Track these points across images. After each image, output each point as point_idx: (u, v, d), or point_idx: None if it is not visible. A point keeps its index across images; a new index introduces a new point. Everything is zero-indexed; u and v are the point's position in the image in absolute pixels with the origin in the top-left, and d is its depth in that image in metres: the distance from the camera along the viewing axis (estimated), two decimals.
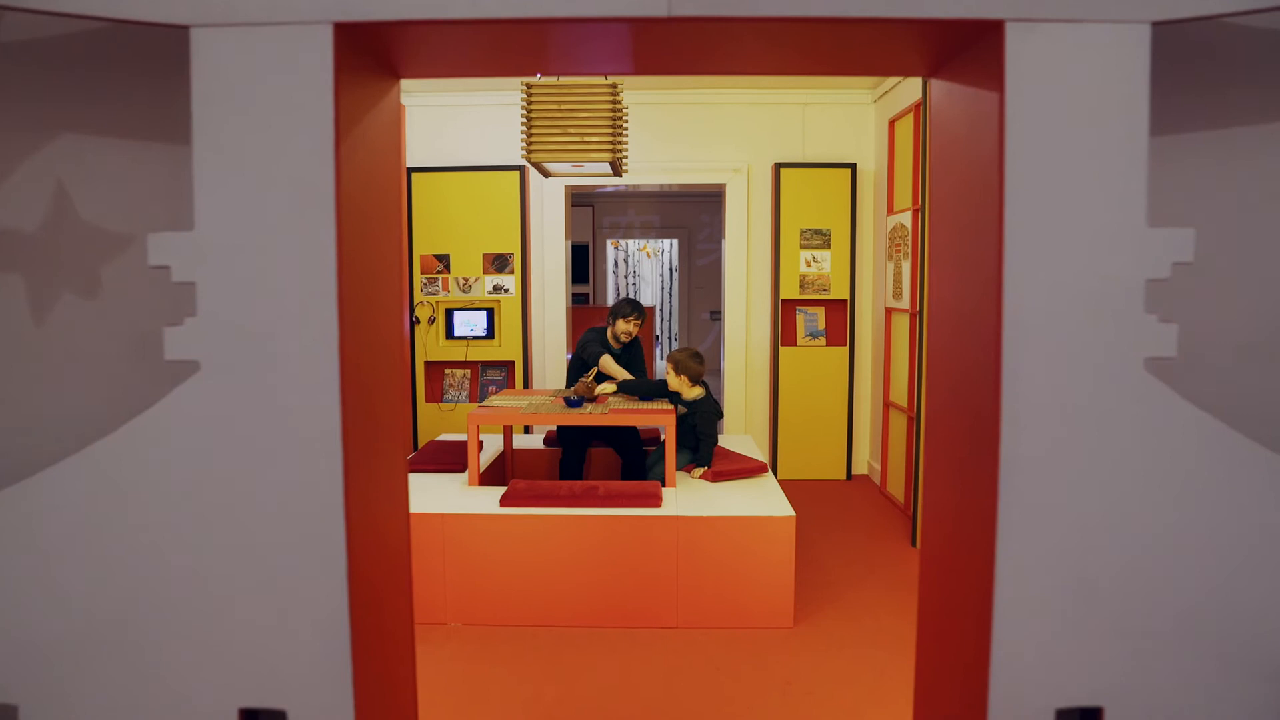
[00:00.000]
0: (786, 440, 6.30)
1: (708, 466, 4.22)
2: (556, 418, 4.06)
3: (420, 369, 6.33)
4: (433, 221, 6.24)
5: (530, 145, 4.11)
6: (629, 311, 4.81)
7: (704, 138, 6.38)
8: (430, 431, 6.33)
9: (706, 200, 12.54)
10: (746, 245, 6.41)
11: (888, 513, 5.46)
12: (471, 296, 6.27)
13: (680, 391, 4.41)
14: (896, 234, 5.54)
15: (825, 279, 6.20)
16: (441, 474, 4.29)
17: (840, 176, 6.16)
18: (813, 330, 6.33)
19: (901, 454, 5.53)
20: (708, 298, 12.97)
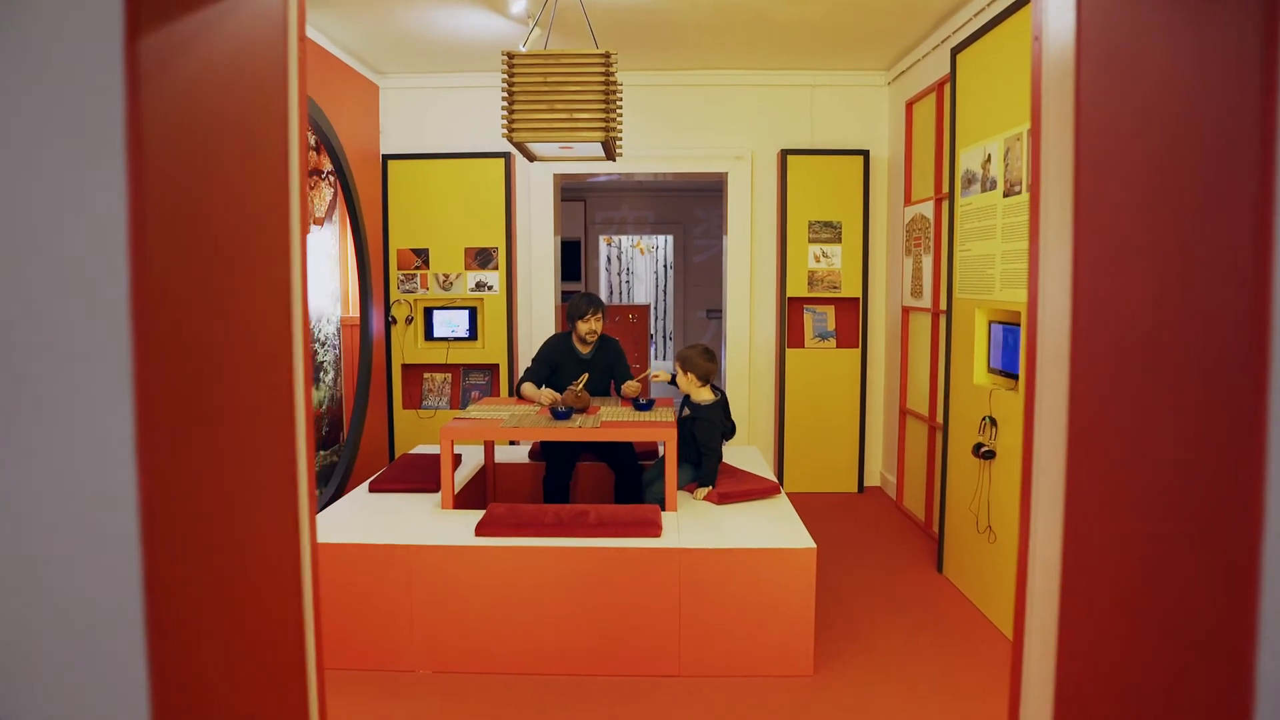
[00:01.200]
0: (793, 450, 5.82)
1: (712, 486, 3.75)
2: (541, 432, 3.58)
3: (397, 373, 5.83)
4: (410, 213, 5.74)
5: (512, 123, 3.62)
6: (586, 309, 4.32)
7: (704, 122, 5.90)
8: (407, 441, 5.83)
9: (703, 194, 12.07)
10: (750, 239, 5.93)
11: (907, 532, 4.99)
12: (452, 294, 5.78)
13: (689, 393, 3.94)
14: (916, 226, 5.07)
15: (835, 275, 5.73)
16: (412, 494, 3.80)
17: (852, 164, 5.69)
18: (822, 331, 5.86)
19: (921, 466, 5.06)
20: (704, 295, 12.50)
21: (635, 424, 3.69)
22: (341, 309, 5.29)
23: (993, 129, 3.65)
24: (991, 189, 3.64)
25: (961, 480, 3.96)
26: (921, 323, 5.07)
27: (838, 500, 5.67)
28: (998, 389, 3.63)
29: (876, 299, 5.91)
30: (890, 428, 5.76)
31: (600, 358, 4.44)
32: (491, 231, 5.73)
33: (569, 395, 3.89)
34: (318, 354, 4.85)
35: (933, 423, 4.82)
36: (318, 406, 4.85)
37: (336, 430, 5.11)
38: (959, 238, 3.98)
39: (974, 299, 3.83)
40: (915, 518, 5.13)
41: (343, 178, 4.79)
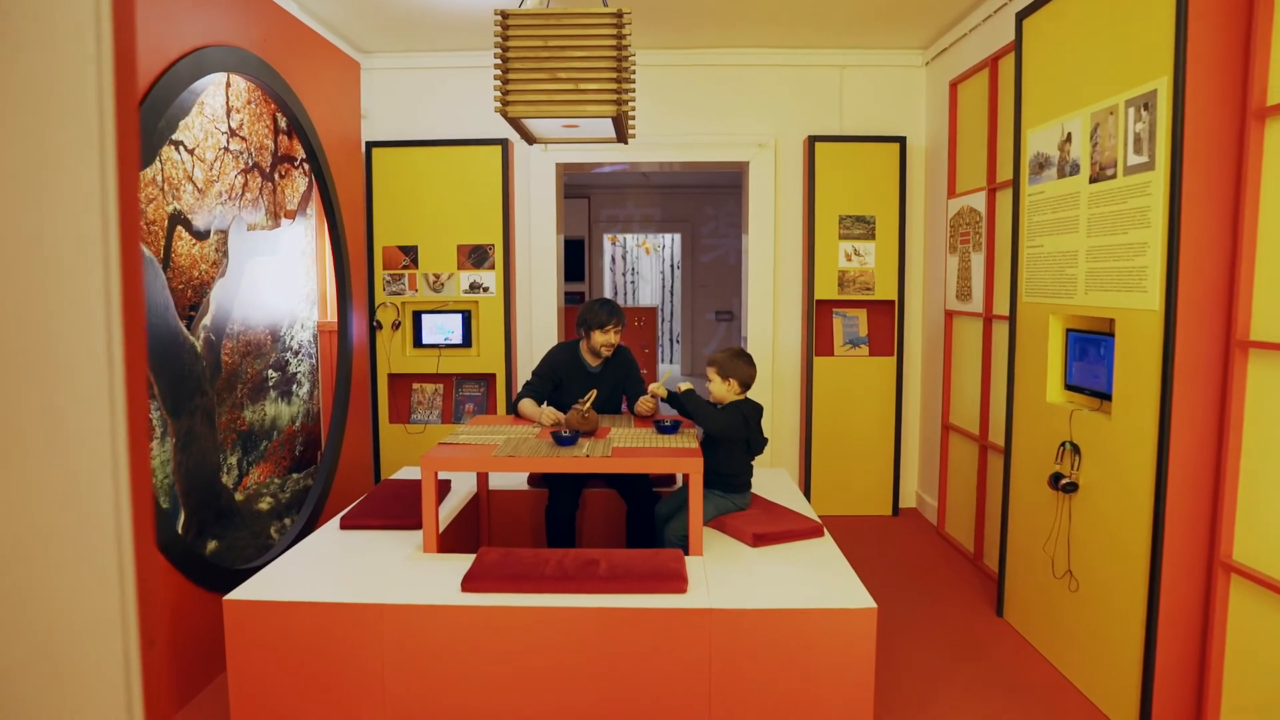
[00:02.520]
0: (822, 468, 5.26)
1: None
2: (541, 462, 3.02)
3: (383, 383, 5.28)
4: (397, 206, 5.19)
5: (507, 95, 3.07)
6: (606, 319, 3.75)
7: (722, 107, 5.34)
8: (394, 459, 5.28)
9: (712, 191, 11.52)
10: (774, 235, 5.37)
11: (953, 564, 4.43)
12: (444, 296, 5.22)
13: (722, 400, 3.40)
14: (963, 220, 4.51)
15: (869, 276, 5.17)
16: (391, 532, 3.25)
17: (886, 153, 5.13)
18: (853, 337, 5.30)
19: (968, 491, 4.50)
20: (713, 297, 11.96)
21: (654, 452, 3.13)
22: (319, 313, 4.74)
23: (1074, 103, 3.08)
24: (1072, 174, 3.08)
25: (1030, 513, 3.40)
26: (969, 329, 4.51)
27: (871, 525, 5.11)
28: (1079, 410, 3.07)
29: (914, 302, 5.35)
30: (929, 445, 5.20)
31: (610, 371, 3.88)
32: (487, 227, 5.18)
33: (574, 416, 3.34)
34: (290, 364, 4.30)
35: (984, 441, 4.26)
36: (290, 423, 4.30)
37: (314, 449, 4.56)
38: (1026, 232, 3.42)
39: (1047, 303, 3.27)
40: (961, 547, 4.57)
41: (316, 166, 4.24)
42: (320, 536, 3.23)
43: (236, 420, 3.74)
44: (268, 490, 4.02)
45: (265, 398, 4.03)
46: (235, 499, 3.67)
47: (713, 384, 3.39)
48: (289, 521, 4.15)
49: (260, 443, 3.98)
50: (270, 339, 4.07)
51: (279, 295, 4.13)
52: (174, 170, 3.23)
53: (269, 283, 4.02)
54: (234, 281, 3.69)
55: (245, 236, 3.79)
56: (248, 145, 3.84)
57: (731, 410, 3.30)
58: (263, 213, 4.00)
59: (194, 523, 3.32)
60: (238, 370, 3.76)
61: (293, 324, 4.35)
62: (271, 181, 4.08)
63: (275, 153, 4.10)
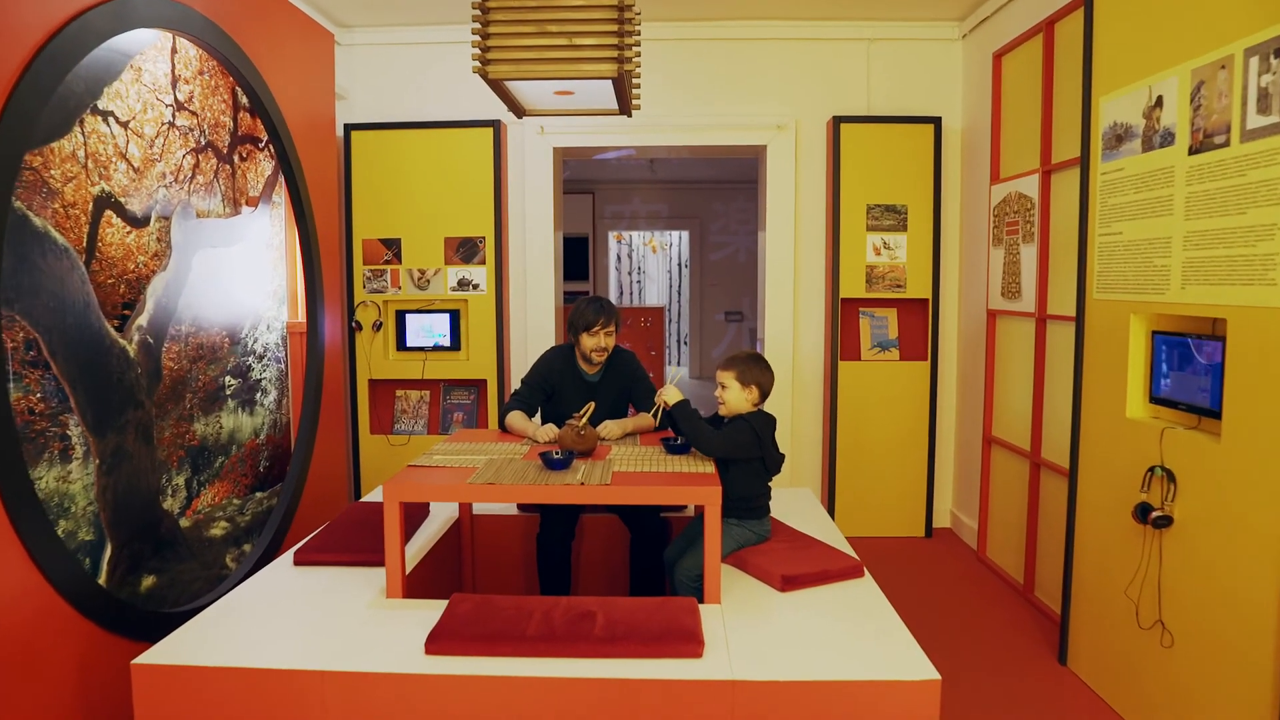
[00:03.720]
0: (846, 484, 4.76)
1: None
2: (527, 491, 2.51)
3: (363, 390, 4.79)
4: (379, 195, 4.70)
5: (488, 52, 2.58)
6: (593, 318, 3.27)
7: (737, 84, 4.84)
8: (376, 473, 4.79)
9: (721, 187, 11.03)
10: (794, 226, 4.87)
11: (999, 596, 3.92)
12: (430, 294, 4.74)
13: (739, 410, 2.90)
14: (1010, 207, 4.00)
15: (899, 271, 4.66)
16: (353, 569, 2.76)
17: (919, 135, 4.62)
18: (882, 340, 4.79)
19: (1017, 512, 3.99)
20: (723, 296, 11.47)
21: (663, 479, 2.63)
22: (290, 312, 4.26)
23: (1166, 59, 2.58)
24: (1164, 145, 2.58)
25: (1106, 549, 2.89)
26: (1018, 331, 4.00)
27: (902, 548, 4.60)
28: (1172, 429, 2.56)
29: (949, 300, 4.84)
30: (967, 459, 4.69)
31: (612, 380, 3.39)
32: (477, 218, 4.69)
33: (568, 434, 2.84)
34: (253, 369, 3.81)
35: (1036, 459, 3.76)
36: (253, 436, 3.82)
37: (283, 464, 4.08)
38: (1099, 218, 2.92)
39: (1126, 300, 2.76)
40: (1008, 576, 4.06)
41: (280, 148, 3.76)
42: (268, 576, 2.74)
43: (184, 435, 3.26)
44: (223, 513, 3.53)
45: (222, 408, 3.54)
46: (180, 526, 3.18)
47: (728, 391, 2.88)
48: (249, 548, 3.66)
49: (215, 459, 3.49)
50: (227, 341, 3.59)
51: (239, 292, 3.65)
52: (101, 145, 2.75)
53: (226, 278, 3.54)
54: (179, 276, 3.21)
55: (195, 225, 3.31)
56: (199, 121, 3.35)
57: (738, 427, 2.79)
58: (219, 198, 3.52)
59: (124, 557, 2.83)
60: (186, 377, 3.27)
61: (256, 324, 3.86)
62: (230, 164, 3.60)
63: (235, 132, 3.62)
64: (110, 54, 2.72)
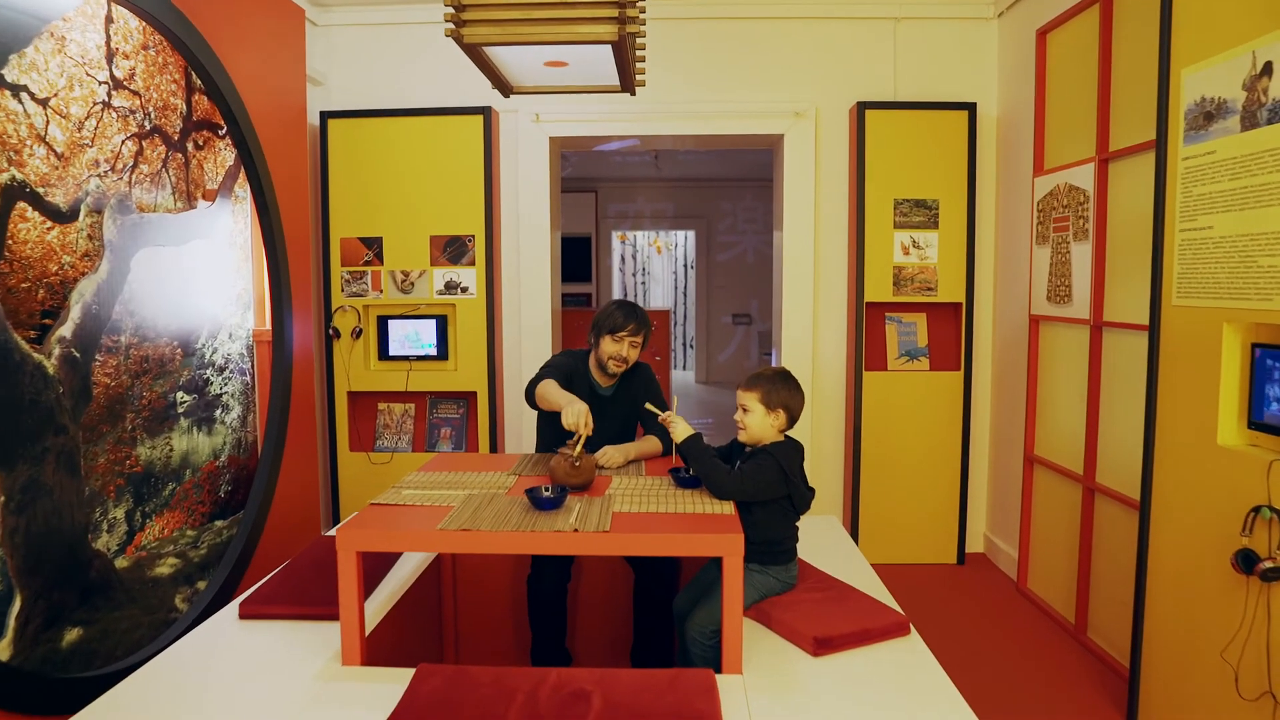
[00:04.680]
0: (871, 505, 4.33)
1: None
2: (510, 539, 2.09)
3: (341, 403, 4.38)
4: (358, 190, 4.29)
5: (463, 11, 2.17)
6: (621, 322, 2.85)
7: (750, 68, 4.42)
8: (355, 496, 4.38)
9: (729, 185, 10.61)
10: (814, 222, 4.45)
11: (1047, 637, 3.49)
12: (414, 298, 4.33)
13: (761, 438, 2.47)
14: (1059, 201, 3.58)
15: (930, 273, 4.24)
16: (308, 624, 2.35)
17: (951, 123, 4.20)
18: (910, 348, 4.37)
19: (1065, 542, 3.56)
20: (730, 298, 11.04)
21: (672, 522, 2.21)
22: (258, 319, 3.85)
23: (1275, 19, 2.16)
24: (1274, 121, 2.15)
25: (1194, 599, 2.47)
26: (1067, 339, 3.58)
27: (933, 577, 4.18)
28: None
29: (984, 304, 4.41)
30: (1004, 479, 4.26)
31: (625, 395, 2.98)
32: (466, 214, 4.27)
33: (560, 464, 2.41)
34: (211, 383, 3.40)
35: (1090, 483, 3.33)
36: (212, 458, 3.41)
37: (248, 489, 3.67)
38: (1182, 210, 2.49)
39: (1219, 307, 2.34)
40: (1054, 613, 3.63)
41: (238, 135, 3.35)
42: (206, 634, 2.32)
43: (124, 461, 2.85)
44: (174, 547, 3.12)
45: (172, 428, 3.13)
46: (115, 567, 2.77)
47: (750, 416, 2.46)
48: (204, 585, 3.25)
49: (165, 486, 3.09)
50: (179, 353, 3.18)
51: (194, 296, 3.24)
52: (11, 125, 2.34)
53: (177, 280, 3.13)
54: (115, 279, 2.80)
55: (136, 220, 2.90)
56: (143, 103, 2.94)
57: (760, 465, 2.36)
58: (168, 191, 3.11)
59: (40, 610, 2.42)
60: (126, 395, 2.86)
61: (215, 333, 3.46)
62: (183, 152, 3.19)
63: (188, 116, 3.21)
64: (15, 14, 2.31)
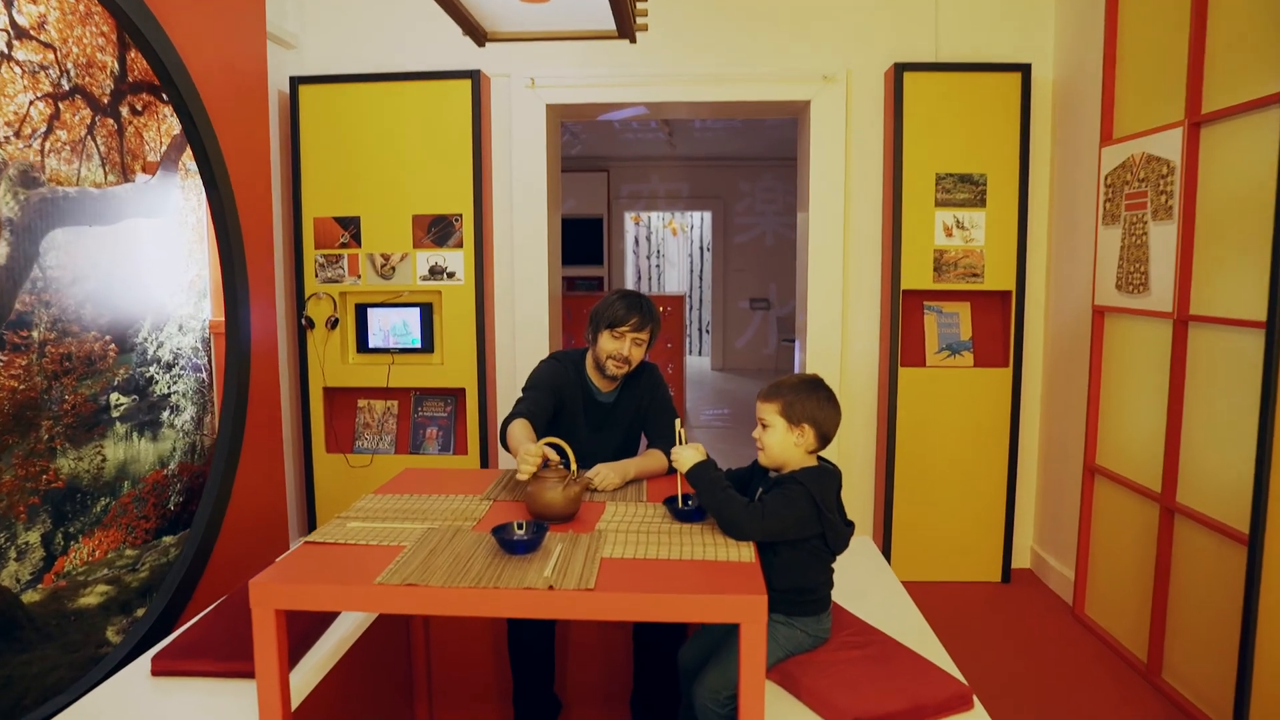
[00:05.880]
0: (906, 516, 3.87)
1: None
2: (464, 598, 1.62)
3: (316, 399, 3.95)
4: (333, 164, 3.85)
5: None
6: (621, 315, 2.40)
7: (773, 27, 3.93)
8: (333, 502, 3.96)
9: (747, 164, 10.12)
10: (844, 201, 3.96)
11: (1111, 675, 3.02)
12: (395, 285, 3.88)
13: (783, 463, 2.01)
14: (1131, 175, 3.08)
15: (976, 256, 3.76)
16: (240, 681, 1.92)
17: (1002, 87, 3.70)
18: (952, 341, 3.89)
19: (1136, 567, 3.09)
20: (748, 282, 10.57)
21: (675, 572, 1.76)
22: (215, 309, 3.42)
23: None
24: None
25: None
26: (1143, 335, 3.09)
27: (975, 597, 3.72)
28: None
29: (1037, 292, 3.92)
30: (1057, 489, 3.78)
31: (629, 402, 2.53)
32: (453, 191, 3.82)
33: (539, 492, 1.97)
34: (156, 383, 2.97)
35: (1169, 503, 2.86)
36: (159, 466, 2.99)
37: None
38: None
39: None
40: (1121, 648, 3.16)
41: (176, 97, 2.90)
42: (106, 696, 1.90)
43: (38, 476, 2.43)
44: (108, 571, 2.71)
45: (105, 435, 2.71)
46: (22, 601, 2.36)
47: (770, 434, 1.99)
48: (143, 613, 2.84)
49: (96, 502, 2.67)
50: (112, 349, 2.75)
51: (132, 284, 2.81)
52: None
53: (108, 266, 2.70)
54: (18, 264, 2.37)
55: (47, 196, 2.47)
56: (58, 58, 2.50)
57: (788, 497, 1.89)
58: (96, 162, 2.68)
59: None
60: (40, 400, 2.44)
61: (161, 325, 3.03)
62: (115, 118, 2.76)
63: (121, 76, 2.77)
64: None
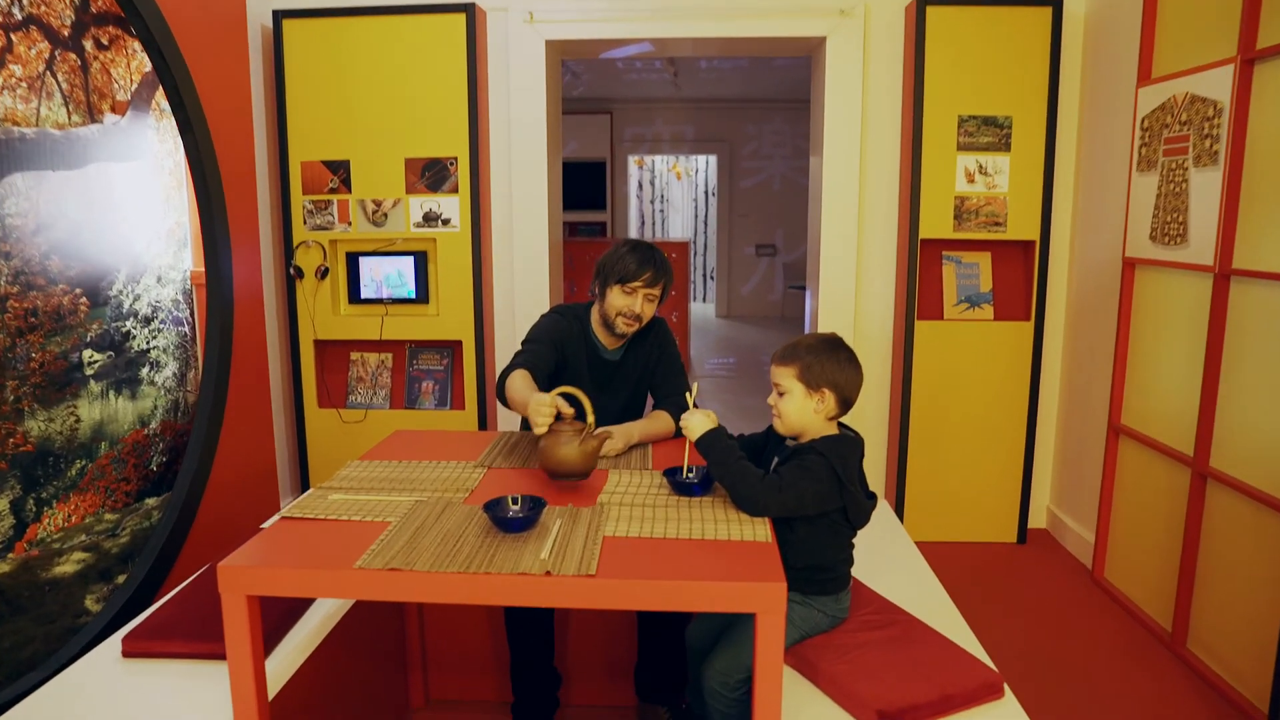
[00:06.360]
0: (919, 475, 3.74)
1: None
2: (449, 585, 1.48)
3: (307, 351, 3.80)
4: (321, 105, 3.64)
5: None
6: (634, 270, 2.22)
7: None
8: (327, 461, 3.83)
9: (754, 106, 9.82)
10: (859, 144, 3.75)
11: (1133, 643, 2.91)
12: (388, 232, 3.70)
13: (801, 431, 1.86)
14: (1171, 116, 2.88)
15: (999, 204, 3.56)
16: (211, 665, 1.79)
17: (1031, 23, 3.46)
18: (971, 293, 3.72)
19: (1163, 532, 2.96)
20: (754, 228, 10.34)
21: (683, 552, 1.62)
22: (197, 259, 3.25)
23: None
24: None
25: None
26: (1179, 289, 2.91)
27: (989, 559, 3.60)
28: None
29: (1062, 242, 3.73)
30: (1076, 447, 3.64)
31: (636, 360, 2.38)
32: (448, 133, 3.62)
33: (553, 446, 1.83)
34: (133, 338, 2.82)
35: (1202, 468, 2.71)
36: (139, 425, 2.85)
37: None
38: None
39: None
40: (1143, 615, 3.05)
41: (143, 29, 2.69)
42: (73, 679, 1.78)
43: (5, 440, 2.29)
44: (86, 537, 2.59)
45: (78, 395, 2.57)
46: None
47: (787, 400, 1.83)
48: (125, 579, 2.72)
49: (70, 465, 2.54)
50: (84, 303, 2.60)
51: (104, 233, 2.65)
52: None
53: (76, 214, 2.53)
54: None
55: (1, 138, 2.29)
56: None
57: (806, 470, 1.73)
58: (58, 101, 2.49)
59: None
60: (4, 360, 2.29)
61: (137, 276, 2.86)
62: (78, 53, 2.56)
63: (83, 6, 2.57)
64: None
